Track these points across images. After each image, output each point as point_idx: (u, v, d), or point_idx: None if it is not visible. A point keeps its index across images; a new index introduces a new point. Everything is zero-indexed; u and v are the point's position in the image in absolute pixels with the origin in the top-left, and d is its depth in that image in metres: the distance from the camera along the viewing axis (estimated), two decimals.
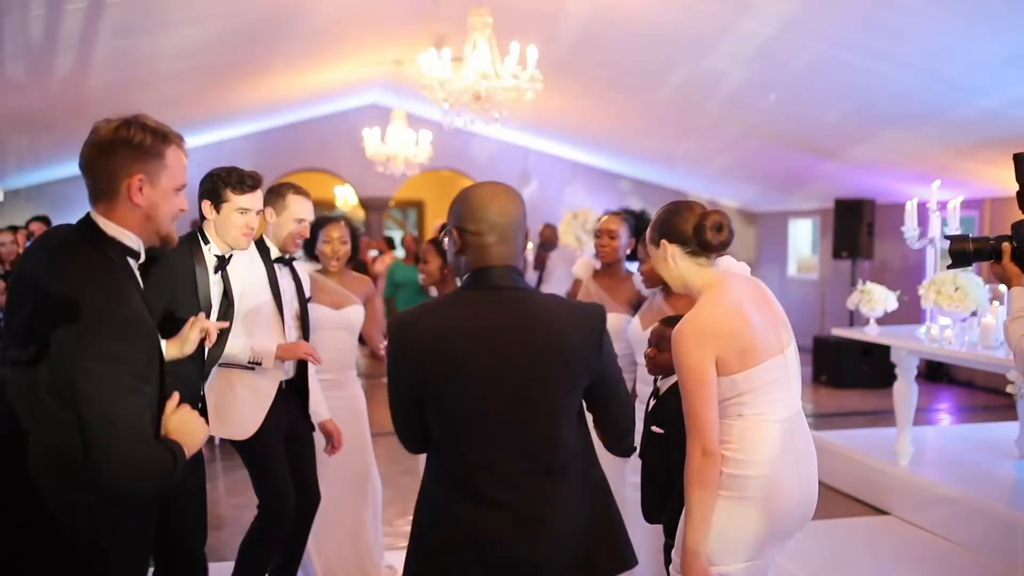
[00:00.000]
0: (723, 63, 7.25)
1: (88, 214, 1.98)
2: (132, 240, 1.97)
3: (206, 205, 3.13)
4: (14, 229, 7.49)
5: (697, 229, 2.40)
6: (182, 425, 1.95)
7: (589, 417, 2.19)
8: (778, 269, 13.52)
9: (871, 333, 5.67)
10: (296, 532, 3.58)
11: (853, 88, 7.07)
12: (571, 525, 2.03)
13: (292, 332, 3.45)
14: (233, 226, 3.12)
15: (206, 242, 3.16)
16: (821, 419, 8.13)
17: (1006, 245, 2.90)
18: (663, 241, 2.46)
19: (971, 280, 4.94)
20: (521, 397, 1.99)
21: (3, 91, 6.81)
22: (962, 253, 3.03)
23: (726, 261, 2.59)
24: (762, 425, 2.36)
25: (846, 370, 9.57)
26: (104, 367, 1.76)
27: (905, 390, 5.46)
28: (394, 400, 2.12)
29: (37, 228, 8.35)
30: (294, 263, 3.61)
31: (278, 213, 3.49)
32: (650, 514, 2.88)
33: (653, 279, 3.23)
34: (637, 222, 3.93)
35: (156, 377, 1.91)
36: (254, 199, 3.16)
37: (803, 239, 13.40)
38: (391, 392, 2.12)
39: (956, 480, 5.15)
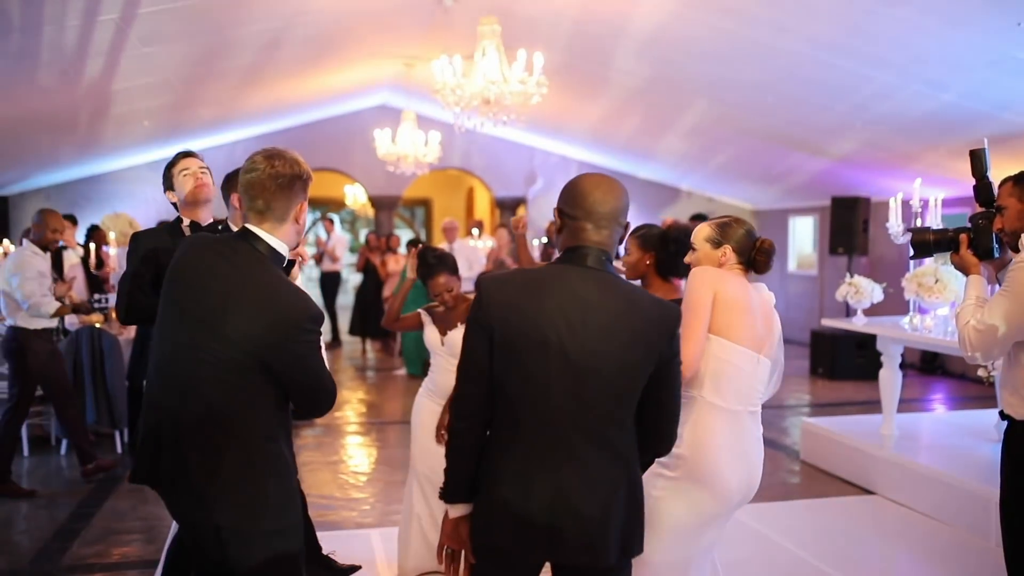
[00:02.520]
0: (721, 67, 7.55)
1: (248, 229, 2.40)
2: (285, 250, 2.44)
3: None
4: None
5: (758, 251, 2.90)
6: None
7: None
8: (779, 265, 13.81)
9: (858, 323, 5.97)
10: None
11: (845, 90, 7.35)
12: (605, 504, 2.14)
13: None
14: None
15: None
16: (817, 409, 8.44)
17: (963, 236, 3.17)
18: (728, 247, 2.89)
19: (950, 272, 5.24)
20: (588, 366, 2.11)
21: (32, 95, 7.13)
22: (923, 244, 3.31)
23: (762, 287, 2.99)
24: (714, 411, 2.73)
25: (841, 362, 9.88)
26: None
27: (890, 376, 5.76)
28: (466, 353, 2.20)
29: (32, 226, 8.65)
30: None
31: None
32: None
33: (633, 271, 3.52)
34: None
35: None
36: None
37: (804, 236, 13.63)
38: (466, 345, 2.21)
39: (937, 461, 5.46)
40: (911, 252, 3.37)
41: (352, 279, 17.59)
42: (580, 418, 2.12)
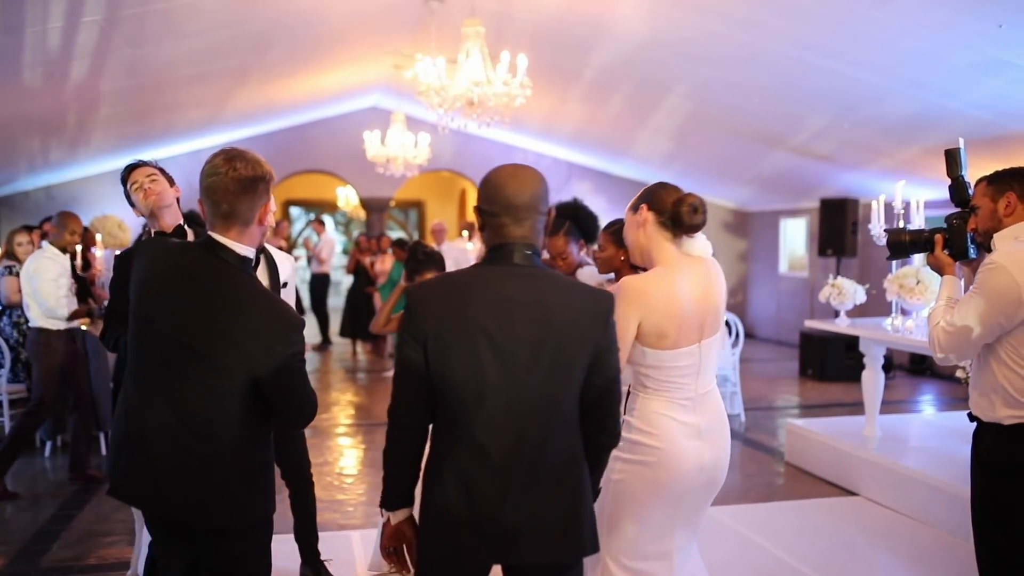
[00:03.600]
0: (708, 68, 7.56)
1: (212, 237, 2.34)
2: (251, 254, 2.40)
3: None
4: (29, 229, 7.77)
5: (676, 204, 2.68)
6: None
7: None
8: (770, 267, 13.82)
9: (841, 325, 5.98)
10: (300, 503, 4.02)
11: (831, 92, 7.37)
12: (555, 502, 2.13)
13: None
14: None
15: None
16: (805, 410, 8.46)
17: (938, 236, 3.16)
18: (643, 206, 2.73)
19: (932, 273, 5.24)
20: (523, 364, 2.08)
21: (21, 97, 7.12)
22: (898, 244, 3.31)
23: (697, 239, 2.77)
24: (661, 403, 2.67)
25: (830, 364, 9.89)
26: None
27: (872, 378, 5.76)
28: (401, 364, 2.16)
29: (51, 229, 8.65)
30: (271, 252, 3.83)
31: None
32: None
33: (607, 266, 3.47)
34: (574, 216, 3.92)
35: None
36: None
37: (796, 238, 13.61)
38: (398, 355, 2.18)
39: (919, 462, 5.46)
40: (887, 253, 3.37)
41: (344, 281, 17.61)
42: (521, 417, 2.10)
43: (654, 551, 2.72)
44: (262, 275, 3.79)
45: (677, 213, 2.67)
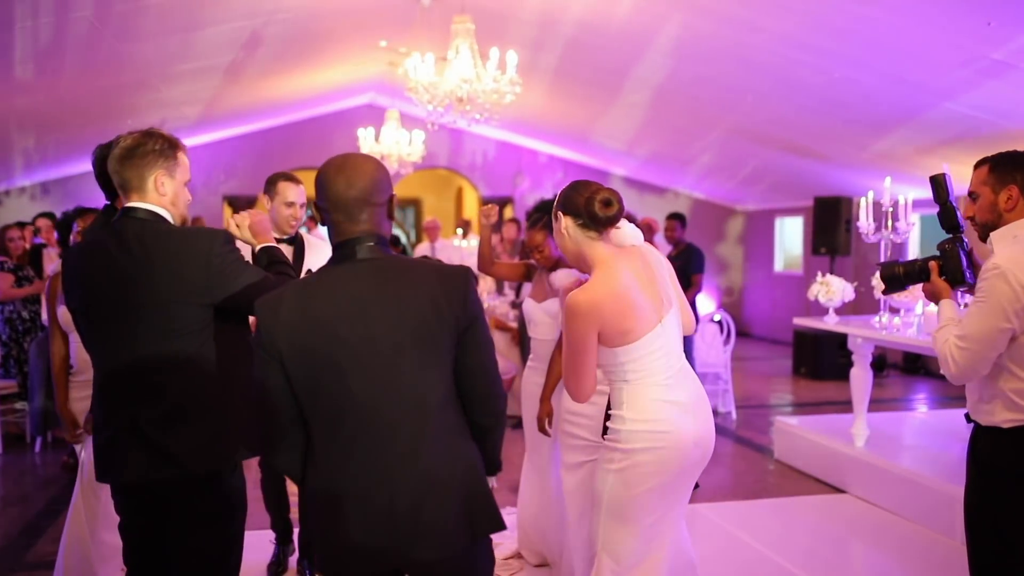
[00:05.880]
0: (699, 66, 7.55)
1: (126, 206, 2.51)
2: (167, 215, 2.53)
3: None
4: (21, 225, 7.78)
5: (587, 202, 2.64)
6: (253, 229, 2.74)
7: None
8: (765, 266, 13.82)
9: (829, 322, 5.97)
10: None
11: (824, 90, 7.35)
12: (444, 494, 2.04)
13: None
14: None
15: None
16: (798, 409, 8.45)
17: (933, 264, 3.05)
18: (559, 213, 2.72)
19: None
20: (387, 361, 2.00)
21: (12, 92, 7.12)
22: (893, 277, 3.21)
23: (624, 231, 2.73)
24: (648, 388, 2.66)
25: (824, 362, 9.88)
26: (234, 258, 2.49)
27: (860, 375, 5.75)
28: (260, 386, 2.06)
29: (44, 224, 8.66)
30: (305, 237, 4.08)
31: (272, 199, 3.97)
32: None
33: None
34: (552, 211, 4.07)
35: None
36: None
37: (793, 236, 13.59)
38: (258, 376, 2.06)
39: (906, 460, 5.46)
40: (882, 287, 3.31)
41: None
42: (396, 414, 2.01)
43: (646, 541, 2.70)
44: (291, 256, 4.02)
45: (591, 211, 2.63)
